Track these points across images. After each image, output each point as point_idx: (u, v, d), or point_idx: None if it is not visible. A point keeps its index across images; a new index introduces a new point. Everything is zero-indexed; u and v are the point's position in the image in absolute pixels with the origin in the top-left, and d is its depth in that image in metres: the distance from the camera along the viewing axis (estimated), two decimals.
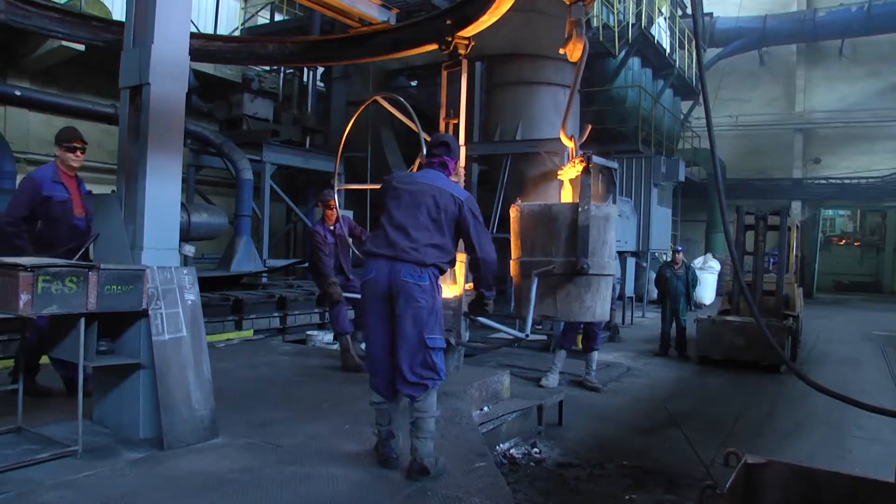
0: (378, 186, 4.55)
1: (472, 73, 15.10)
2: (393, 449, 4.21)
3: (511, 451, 5.90)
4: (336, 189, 6.92)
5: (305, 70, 16.20)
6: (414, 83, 18.29)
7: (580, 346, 9.42)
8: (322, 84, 17.30)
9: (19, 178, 9.37)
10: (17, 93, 11.05)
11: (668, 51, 20.20)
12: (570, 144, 6.63)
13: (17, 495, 3.54)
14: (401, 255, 4.08)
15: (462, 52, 6.37)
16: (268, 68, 15.48)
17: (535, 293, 5.33)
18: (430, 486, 3.84)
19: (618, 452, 6.08)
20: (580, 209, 5.61)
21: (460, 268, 5.94)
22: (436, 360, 4.03)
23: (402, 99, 6.68)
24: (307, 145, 14.76)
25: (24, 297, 3.67)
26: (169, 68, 4.53)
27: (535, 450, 6.02)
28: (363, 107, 6.89)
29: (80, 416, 4.12)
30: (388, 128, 15.77)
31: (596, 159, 5.64)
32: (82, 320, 4.00)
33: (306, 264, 6.76)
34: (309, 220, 13.96)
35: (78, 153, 5.41)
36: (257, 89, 14.46)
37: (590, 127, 7.54)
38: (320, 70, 16.73)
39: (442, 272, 4.25)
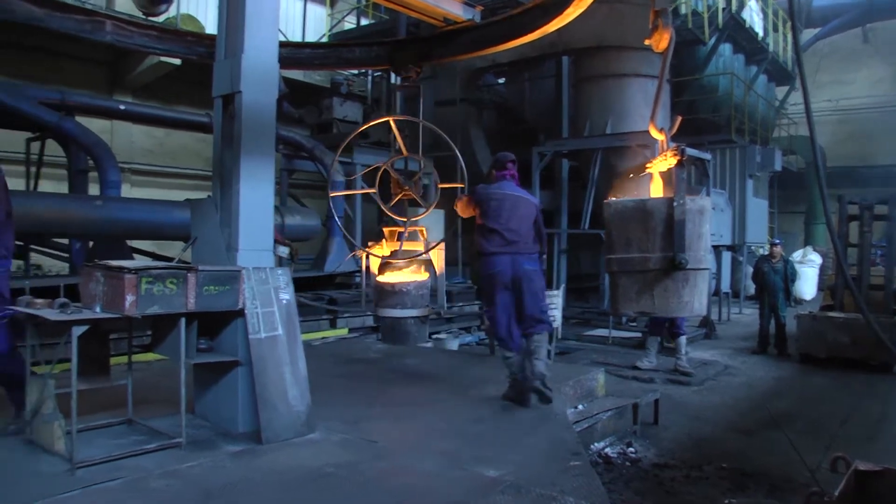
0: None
1: (560, 68, 14.98)
2: (528, 380, 5.44)
3: (606, 450, 5.82)
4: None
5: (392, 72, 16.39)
6: (501, 80, 18.24)
7: (671, 341, 9.29)
8: None
9: (125, 188, 9.87)
10: (122, 107, 11.62)
11: (761, 35, 19.41)
12: (660, 137, 6.49)
13: (129, 481, 3.76)
14: (520, 250, 5.58)
15: None
16: (356, 72, 15.74)
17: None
18: (523, 485, 3.82)
19: (716, 454, 5.91)
20: (675, 203, 5.48)
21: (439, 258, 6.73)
22: (546, 317, 5.69)
23: (416, 119, 6.70)
24: (396, 146, 14.94)
25: (129, 298, 3.86)
26: (259, 76, 4.68)
27: (631, 449, 5.91)
28: (364, 127, 6.93)
29: (183, 411, 4.32)
30: (476, 127, 15.77)
31: (689, 151, 5.50)
32: (182, 319, 4.18)
33: None
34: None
35: None
36: (346, 93, 14.71)
37: (680, 118, 7.34)
38: None
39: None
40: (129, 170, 13.77)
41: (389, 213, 6.72)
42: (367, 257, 6.64)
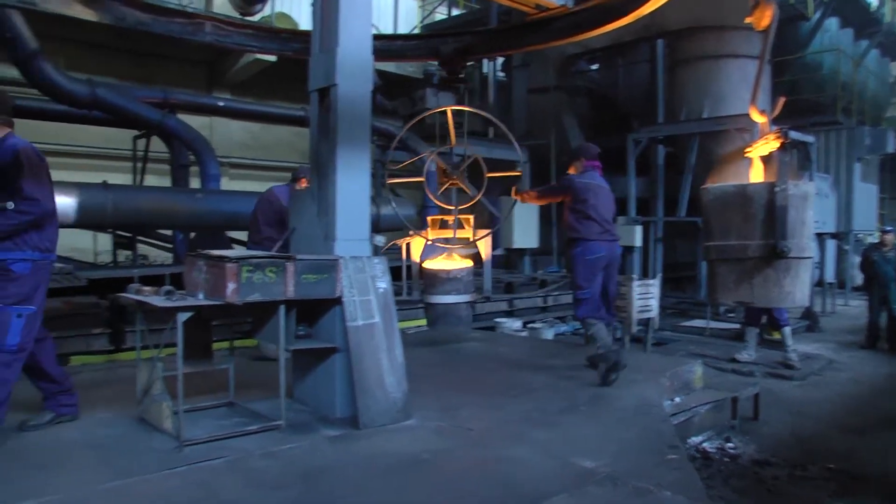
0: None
1: (654, 51, 14.61)
2: (619, 351, 5.97)
3: (704, 444, 5.68)
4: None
5: (485, 61, 16.35)
6: (594, 66, 17.94)
7: (771, 334, 8.95)
8: (503, 73, 17.39)
9: (224, 181, 10.23)
10: (220, 104, 12.07)
11: (873, 5, 18.29)
12: (761, 120, 6.26)
13: (231, 460, 3.92)
14: (614, 238, 6.28)
15: None
16: None
17: None
18: (619, 476, 3.78)
19: (821, 453, 5.68)
20: (777, 188, 5.28)
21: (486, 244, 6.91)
22: None
23: (474, 110, 6.67)
24: (490, 135, 14.90)
25: (230, 286, 4.01)
26: (354, 69, 4.76)
27: (730, 444, 5.75)
28: (423, 115, 6.92)
29: (283, 395, 4.46)
30: (570, 114, 15.58)
31: (793, 134, 5.28)
32: (282, 307, 4.30)
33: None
34: (495, 208, 14.08)
35: None
36: (439, 83, 14.76)
37: (783, 99, 7.06)
38: (500, 60, 16.82)
39: None
40: (228, 163, 14.25)
41: (437, 202, 6.79)
42: (408, 246, 6.73)
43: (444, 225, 6.83)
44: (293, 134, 14.79)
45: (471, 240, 6.76)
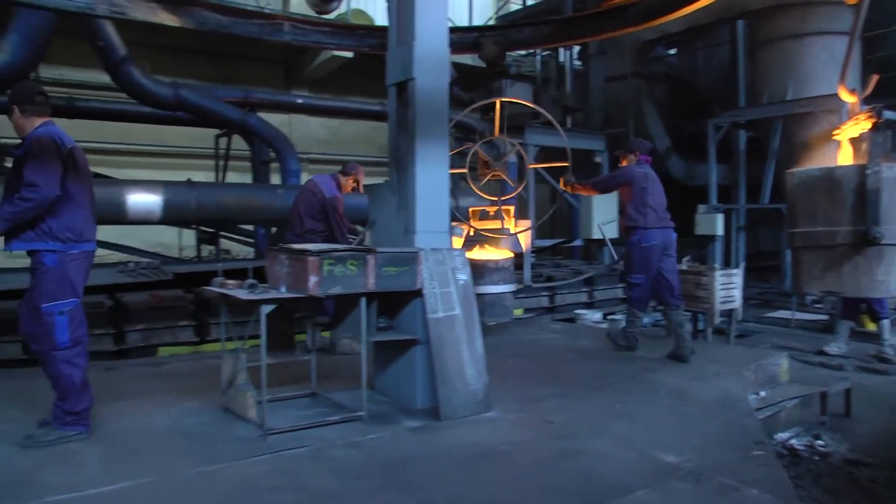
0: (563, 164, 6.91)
1: (735, 33, 14.15)
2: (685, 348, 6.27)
3: (791, 441, 5.47)
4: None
5: (562, 50, 16.17)
6: (672, 51, 17.52)
7: (865, 325, 8.53)
8: (579, 62, 17.17)
9: (304, 177, 10.44)
10: (299, 101, 12.32)
11: None
12: (851, 99, 5.99)
13: (314, 449, 4.00)
14: (669, 225, 6.51)
15: None
16: (524, 52, 15.68)
17: None
18: (702, 472, 3.69)
19: None
20: (868, 171, 5.04)
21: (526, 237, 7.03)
22: None
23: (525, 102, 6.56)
24: (568, 125, 14.75)
25: (312, 279, 4.08)
26: (431, 62, 4.79)
27: (820, 442, 5.50)
28: (473, 107, 6.81)
29: (364, 386, 4.52)
30: (648, 101, 15.26)
31: (887, 113, 5.05)
32: (363, 299, 4.36)
33: (323, 233, 6.75)
34: (574, 199, 13.93)
35: None
36: (515, 74, 14.70)
37: (875, 77, 6.74)
38: (576, 49, 16.61)
39: None
40: (307, 159, 14.52)
41: (480, 193, 6.75)
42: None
43: (484, 216, 6.84)
44: (370, 129, 14.99)
45: (511, 231, 6.78)
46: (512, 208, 6.79)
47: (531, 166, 6.52)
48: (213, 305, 6.91)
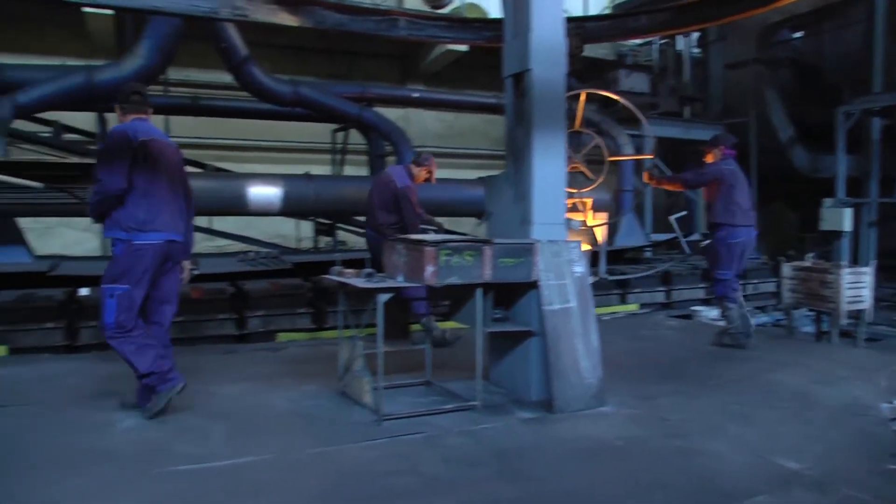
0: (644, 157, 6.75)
1: (872, 10, 13.25)
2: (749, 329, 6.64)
3: None
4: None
5: (679, 37, 15.68)
6: (797, 34, 16.65)
7: None
8: (698, 49, 16.61)
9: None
10: (415, 95, 12.46)
11: None
12: None
13: (429, 436, 4.07)
14: (752, 223, 6.68)
15: None
16: (640, 41, 15.31)
17: None
18: (827, 482, 3.50)
19: None
20: None
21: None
22: None
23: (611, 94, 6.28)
24: (686, 115, 14.34)
25: (429, 269, 4.14)
26: (547, 53, 4.76)
27: None
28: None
29: (479, 376, 4.55)
30: (771, 88, 14.58)
31: None
32: (479, 290, 4.39)
33: (396, 225, 6.60)
34: (693, 194, 13.53)
35: None
36: (632, 64, 14.41)
37: None
38: (695, 35, 16.06)
39: None
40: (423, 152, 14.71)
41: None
42: None
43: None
44: (485, 122, 15.01)
45: (588, 224, 6.63)
46: (590, 201, 6.67)
47: (610, 159, 6.36)
48: (331, 294, 7.11)
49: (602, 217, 6.76)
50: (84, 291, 6.56)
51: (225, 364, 5.85)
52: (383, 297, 4.17)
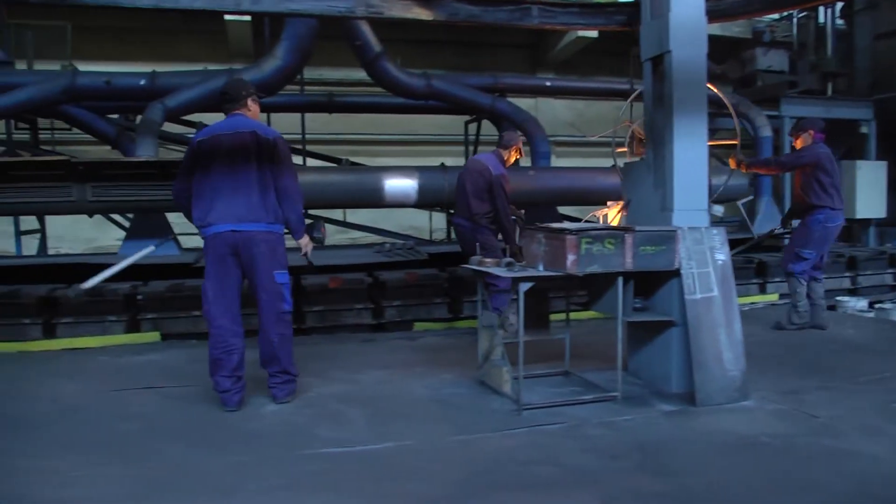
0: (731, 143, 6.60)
1: None
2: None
3: None
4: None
5: (821, 9, 14.72)
6: None
7: None
8: (842, 21, 15.57)
9: (552, 160, 10.54)
10: (548, 83, 12.34)
11: None
12: None
13: (568, 426, 4.06)
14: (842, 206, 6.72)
15: None
16: (777, 16, 14.53)
17: None
18: None
19: None
20: None
21: None
22: None
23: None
24: (828, 93, 13.50)
25: (570, 258, 4.12)
26: (687, 33, 4.61)
27: None
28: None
29: (619, 367, 4.49)
30: None
31: None
32: (620, 279, 4.32)
33: (489, 214, 6.31)
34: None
35: None
36: (769, 41, 13.68)
37: None
38: (839, 5, 15.05)
39: None
40: (553, 141, 14.60)
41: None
42: (604, 218, 6.28)
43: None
44: (615, 108, 14.63)
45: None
46: None
47: (710, 143, 6.00)
48: (466, 284, 7.18)
49: None
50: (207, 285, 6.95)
51: (363, 352, 6.04)
52: (524, 286, 4.18)
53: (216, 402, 4.46)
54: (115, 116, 10.88)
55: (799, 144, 6.81)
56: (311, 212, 11.14)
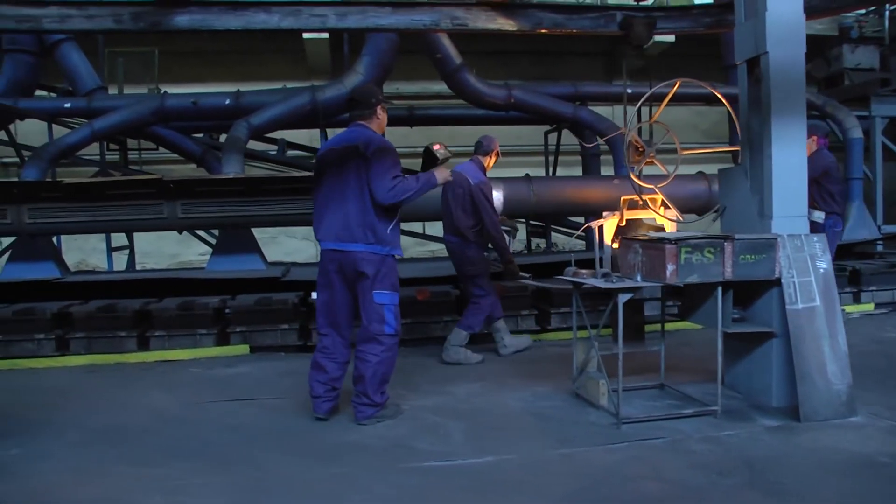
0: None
1: None
2: None
3: None
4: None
5: None
6: None
7: None
8: None
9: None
10: (629, 90, 12.09)
11: None
12: None
13: (670, 441, 3.97)
14: None
15: None
16: (863, 11, 13.97)
17: None
18: None
19: None
20: None
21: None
22: None
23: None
24: None
25: (669, 268, 4.03)
26: (785, 33, 4.46)
27: None
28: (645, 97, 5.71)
29: (720, 380, 4.36)
30: None
31: None
32: (719, 288, 4.20)
33: (476, 227, 6.14)
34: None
35: None
36: (857, 37, 13.18)
37: None
38: None
39: None
40: None
41: (637, 181, 5.97)
42: (600, 229, 5.98)
43: (633, 205, 6.13)
44: (694, 114, 14.47)
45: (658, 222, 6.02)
46: (660, 197, 6.08)
47: (683, 153, 5.75)
48: (554, 295, 7.08)
49: (673, 214, 6.18)
50: (316, 295, 7.04)
51: (454, 365, 6.03)
52: (623, 297, 4.11)
53: (312, 414, 4.55)
54: (200, 135, 11.22)
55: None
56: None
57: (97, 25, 5.85)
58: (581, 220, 11.21)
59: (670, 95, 5.97)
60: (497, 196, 8.23)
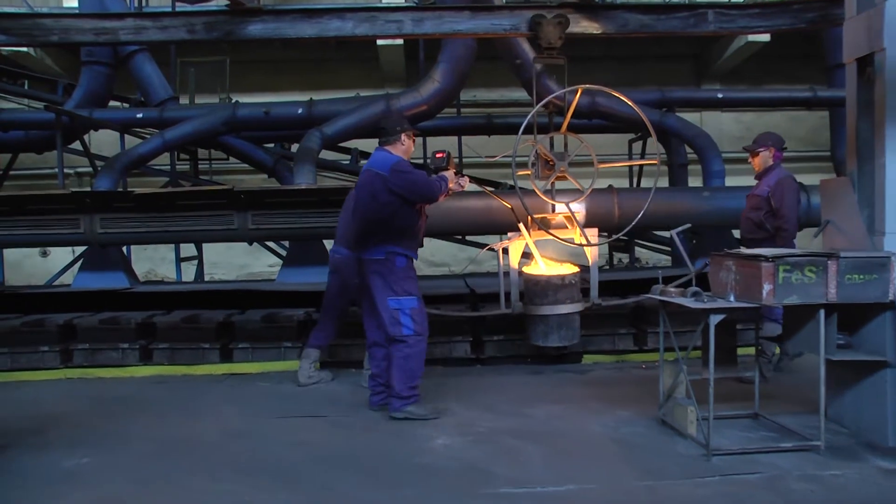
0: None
1: None
2: None
3: None
4: None
5: None
6: None
7: None
8: None
9: (726, 179, 9.79)
10: (719, 95, 11.53)
11: None
12: None
13: (766, 478, 3.63)
14: None
15: None
16: None
17: None
18: None
19: None
20: None
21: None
22: None
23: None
24: None
25: (766, 287, 3.70)
26: None
27: None
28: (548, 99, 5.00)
29: (823, 413, 3.96)
30: None
31: None
32: (821, 311, 3.82)
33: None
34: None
35: None
36: None
37: None
38: None
39: None
40: (724, 159, 13.85)
41: (545, 198, 5.72)
42: (505, 252, 5.79)
43: (545, 224, 5.70)
44: (788, 119, 13.75)
45: (576, 242, 5.69)
46: (580, 214, 5.58)
47: (600, 166, 5.26)
48: (648, 313, 6.63)
49: (594, 235, 5.68)
50: None
51: (531, 385, 5.76)
52: (715, 318, 3.78)
53: (383, 433, 4.50)
54: (271, 145, 11.25)
55: (757, 163, 5.79)
56: (469, 238, 11.03)
57: (171, 36, 5.89)
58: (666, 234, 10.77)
59: (574, 104, 5.98)
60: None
